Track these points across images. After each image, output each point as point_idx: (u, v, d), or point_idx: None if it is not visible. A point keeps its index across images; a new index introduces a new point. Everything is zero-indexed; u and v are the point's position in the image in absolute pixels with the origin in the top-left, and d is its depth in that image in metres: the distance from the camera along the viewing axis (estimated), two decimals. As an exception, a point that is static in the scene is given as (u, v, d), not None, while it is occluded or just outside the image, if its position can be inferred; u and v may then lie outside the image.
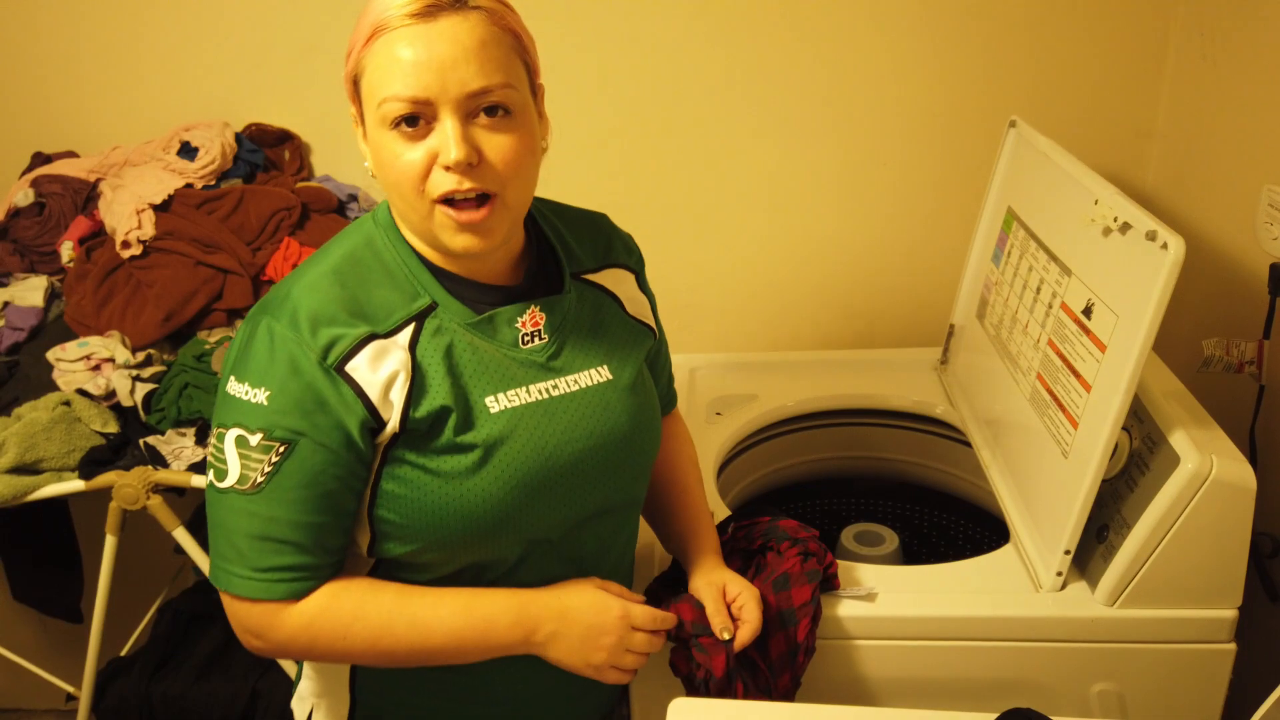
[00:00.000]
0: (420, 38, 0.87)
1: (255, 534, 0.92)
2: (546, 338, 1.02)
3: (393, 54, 0.88)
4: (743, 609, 1.10)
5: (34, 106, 1.93)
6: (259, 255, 1.75)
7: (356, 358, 0.92)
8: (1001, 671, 1.23)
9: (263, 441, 0.91)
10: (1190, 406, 1.24)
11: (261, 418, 0.91)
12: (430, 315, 0.96)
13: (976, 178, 1.69)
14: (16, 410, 1.59)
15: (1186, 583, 1.16)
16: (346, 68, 0.93)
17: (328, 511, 0.93)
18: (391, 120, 0.89)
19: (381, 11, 0.89)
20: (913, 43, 1.78)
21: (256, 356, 0.92)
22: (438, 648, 0.96)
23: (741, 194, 1.91)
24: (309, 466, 0.91)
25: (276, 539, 0.92)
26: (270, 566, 0.93)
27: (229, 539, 0.93)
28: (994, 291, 1.54)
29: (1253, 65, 1.51)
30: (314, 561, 0.94)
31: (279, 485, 0.91)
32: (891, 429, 1.70)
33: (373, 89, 0.90)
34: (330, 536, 0.95)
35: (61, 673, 1.95)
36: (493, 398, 0.97)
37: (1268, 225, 1.44)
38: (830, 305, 1.98)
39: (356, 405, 0.92)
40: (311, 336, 0.91)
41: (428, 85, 0.87)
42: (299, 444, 0.91)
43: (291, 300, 0.93)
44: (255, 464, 0.91)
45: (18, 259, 1.82)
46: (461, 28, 0.88)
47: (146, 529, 1.66)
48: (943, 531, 1.73)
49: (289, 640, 0.95)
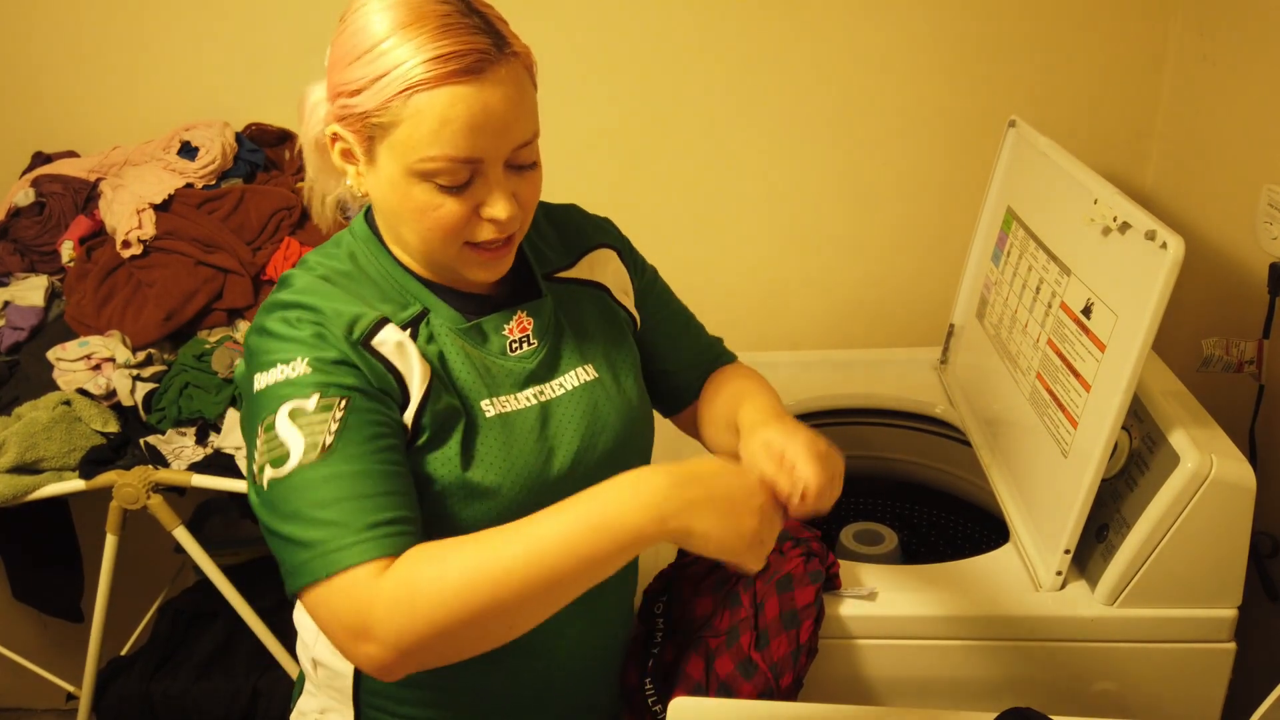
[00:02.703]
0: (472, 97, 0.83)
1: (341, 497, 0.81)
2: (536, 343, 1.01)
3: (441, 113, 0.83)
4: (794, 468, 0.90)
5: (34, 106, 1.93)
6: (259, 255, 1.75)
7: (379, 335, 0.90)
8: (1001, 671, 1.23)
9: (320, 401, 0.84)
10: (1190, 406, 1.24)
11: (309, 382, 0.85)
12: (423, 322, 0.95)
13: (976, 177, 1.70)
14: (17, 410, 1.59)
15: (1186, 582, 1.16)
16: (351, 103, 0.86)
17: (401, 464, 0.88)
18: (432, 174, 0.86)
19: (415, 62, 0.82)
20: (913, 43, 1.78)
21: (280, 340, 0.88)
22: (553, 564, 0.78)
23: (742, 194, 1.91)
24: (372, 418, 0.86)
25: (366, 494, 0.82)
26: (367, 524, 0.81)
27: (311, 520, 0.81)
28: (994, 291, 1.54)
29: (1252, 65, 1.51)
30: (408, 515, 0.84)
31: (352, 439, 0.84)
32: (891, 429, 1.70)
33: (411, 144, 0.84)
34: (411, 493, 0.88)
35: (62, 672, 1.95)
36: (487, 402, 0.96)
37: (1267, 225, 1.44)
38: (830, 305, 1.98)
39: (386, 377, 0.89)
40: (334, 314, 0.89)
41: (480, 146, 0.85)
42: (354, 397, 0.86)
43: (300, 294, 0.91)
44: (319, 427, 0.83)
45: (18, 258, 1.82)
46: (507, 79, 0.85)
47: (147, 528, 1.66)
48: (942, 531, 1.73)
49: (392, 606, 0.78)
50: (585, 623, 1.07)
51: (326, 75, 0.91)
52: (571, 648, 1.07)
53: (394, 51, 0.83)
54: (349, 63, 0.86)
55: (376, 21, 0.84)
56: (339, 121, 0.89)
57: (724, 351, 1.22)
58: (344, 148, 0.91)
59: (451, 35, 0.83)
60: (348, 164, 0.92)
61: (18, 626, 2.20)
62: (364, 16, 0.86)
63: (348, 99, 0.86)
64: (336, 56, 0.88)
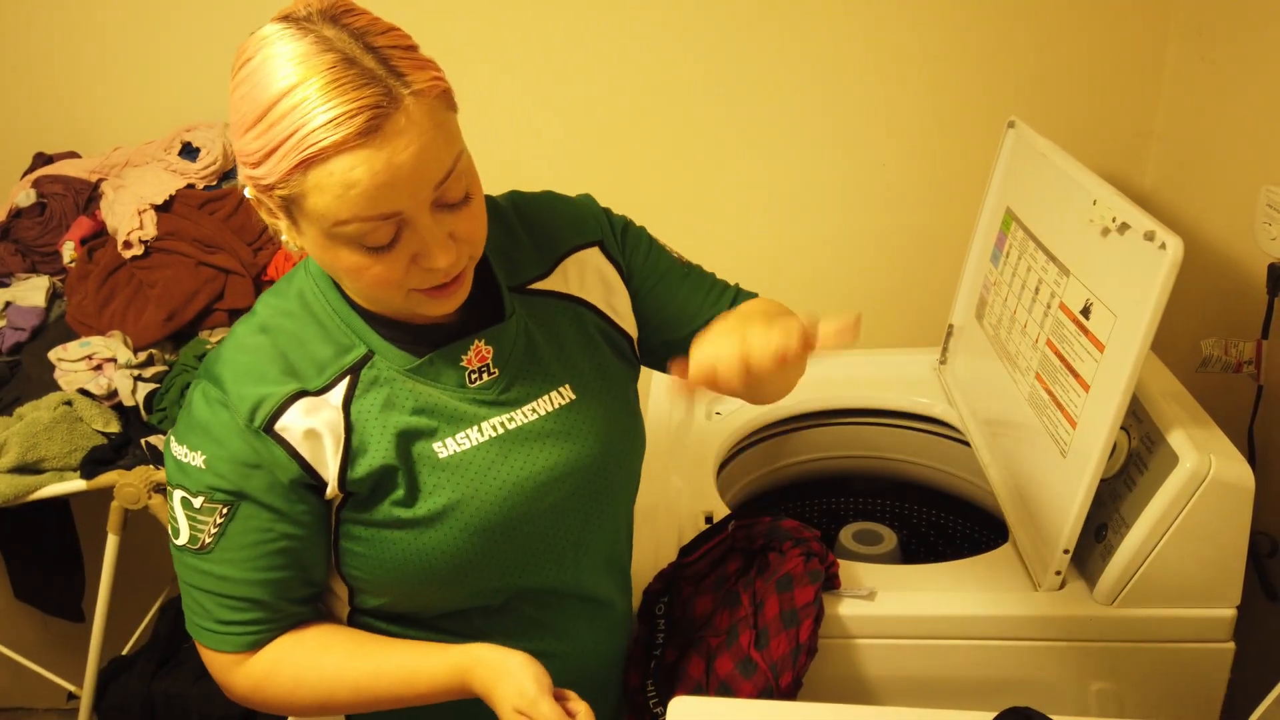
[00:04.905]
0: (372, 158, 0.76)
1: (210, 590, 0.92)
2: (496, 371, 0.95)
3: (340, 180, 0.76)
4: None
5: (35, 107, 1.93)
6: (260, 255, 1.76)
7: (285, 416, 0.88)
8: (1000, 671, 1.23)
9: (205, 504, 0.90)
10: (1189, 406, 1.24)
11: (200, 480, 0.89)
12: (366, 366, 0.91)
13: (975, 178, 1.70)
14: (18, 410, 1.59)
15: (1185, 582, 1.16)
16: (254, 174, 0.80)
17: (284, 568, 0.92)
18: (353, 237, 0.80)
19: (304, 132, 0.75)
20: (912, 43, 1.78)
21: (193, 419, 0.90)
22: (376, 698, 0.94)
23: (741, 195, 1.91)
24: (254, 525, 0.90)
25: (231, 596, 0.92)
26: (228, 620, 0.93)
27: (189, 593, 0.94)
28: (993, 292, 1.54)
29: (1251, 66, 1.51)
30: (271, 615, 0.93)
31: (227, 546, 0.90)
32: (891, 429, 1.71)
33: (321, 212, 0.78)
34: (291, 589, 0.94)
35: (63, 671, 1.95)
36: (440, 444, 0.92)
37: (1266, 225, 1.44)
38: (830, 305, 1.98)
39: (290, 464, 0.89)
40: (238, 398, 0.88)
41: (394, 201, 0.78)
42: (240, 505, 0.89)
43: (222, 361, 0.91)
44: (202, 525, 0.90)
45: (19, 259, 1.82)
46: (409, 126, 0.77)
47: (148, 528, 1.66)
48: (941, 531, 1.74)
49: (246, 696, 0.95)
50: (591, 624, 1.07)
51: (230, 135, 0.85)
52: (577, 650, 1.07)
53: (282, 122, 0.76)
54: (243, 131, 0.80)
55: (262, 83, 0.77)
56: (252, 187, 0.83)
57: (740, 292, 1.13)
58: (268, 209, 0.85)
59: (338, 93, 0.75)
60: (276, 223, 0.86)
61: (19, 626, 2.20)
62: (250, 77, 0.78)
63: (251, 170, 0.81)
64: (233, 121, 0.81)
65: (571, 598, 1.04)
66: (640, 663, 1.17)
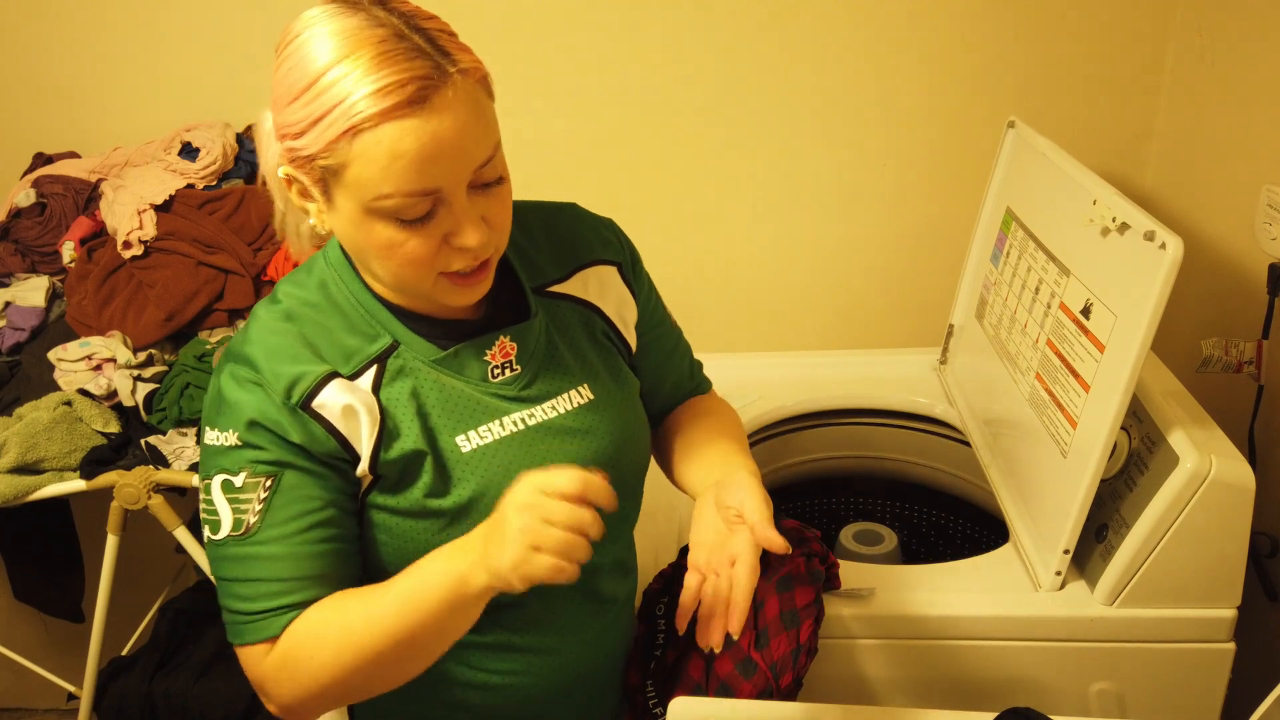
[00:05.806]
0: (420, 129, 0.78)
1: (254, 578, 0.88)
2: (519, 368, 0.96)
3: (388, 150, 0.78)
4: None
5: (35, 107, 1.93)
6: (260, 255, 1.76)
7: (322, 393, 0.88)
8: (1001, 671, 1.23)
9: (248, 479, 0.88)
10: (1189, 406, 1.24)
11: (240, 457, 0.88)
12: (392, 355, 0.92)
13: (975, 178, 1.70)
14: (18, 410, 1.59)
15: (1185, 582, 1.16)
16: (297, 145, 0.82)
17: (331, 539, 0.90)
18: (390, 211, 0.82)
19: (355, 99, 0.78)
20: (912, 43, 1.78)
21: (224, 402, 0.89)
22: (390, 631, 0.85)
23: (741, 195, 1.91)
24: (300, 495, 0.88)
25: (276, 579, 0.88)
26: (271, 608, 0.88)
27: (230, 590, 0.90)
28: (993, 292, 1.54)
29: (1251, 66, 1.51)
30: (311, 595, 0.89)
31: (272, 521, 0.88)
32: (891, 429, 1.71)
33: (363, 183, 0.80)
34: (340, 564, 0.91)
35: (63, 672, 1.95)
36: (463, 437, 0.93)
37: (1266, 225, 1.44)
38: (830, 305, 1.98)
39: (328, 440, 0.89)
40: (273, 375, 0.88)
41: (436, 176, 0.80)
42: (284, 475, 0.88)
43: (250, 342, 0.90)
44: (245, 504, 0.88)
45: (19, 259, 1.82)
46: (455, 102, 0.79)
47: (148, 529, 1.66)
48: (942, 531, 1.74)
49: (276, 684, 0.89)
50: (594, 622, 1.08)
51: (271, 110, 0.86)
52: (579, 648, 1.07)
53: (331, 89, 0.78)
54: (288, 102, 0.81)
55: (311, 55, 0.80)
56: (290, 164, 0.85)
57: (703, 380, 1.21)
58: (300, 188, 0.86)
59: (389, 64, 0.78)
60: (307, 203, 0.88)
61: (19, 626, 2.20)
62: (298, 50, 0.81)
63: (293, 141, 0.82)
64: (277, 94, 0.83)
65: (579, 595, 1.04)
66: (640, 663, 1.17)
